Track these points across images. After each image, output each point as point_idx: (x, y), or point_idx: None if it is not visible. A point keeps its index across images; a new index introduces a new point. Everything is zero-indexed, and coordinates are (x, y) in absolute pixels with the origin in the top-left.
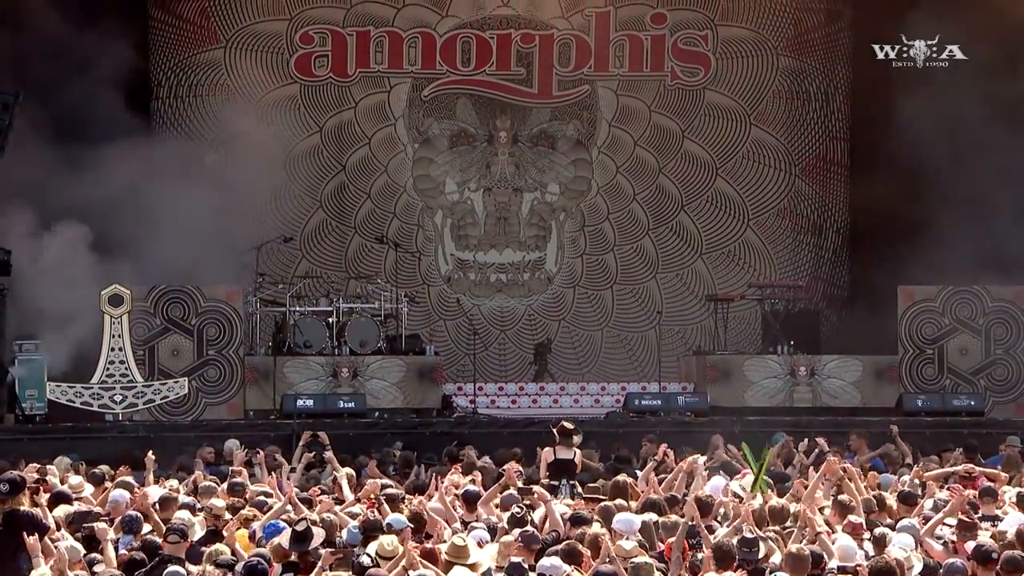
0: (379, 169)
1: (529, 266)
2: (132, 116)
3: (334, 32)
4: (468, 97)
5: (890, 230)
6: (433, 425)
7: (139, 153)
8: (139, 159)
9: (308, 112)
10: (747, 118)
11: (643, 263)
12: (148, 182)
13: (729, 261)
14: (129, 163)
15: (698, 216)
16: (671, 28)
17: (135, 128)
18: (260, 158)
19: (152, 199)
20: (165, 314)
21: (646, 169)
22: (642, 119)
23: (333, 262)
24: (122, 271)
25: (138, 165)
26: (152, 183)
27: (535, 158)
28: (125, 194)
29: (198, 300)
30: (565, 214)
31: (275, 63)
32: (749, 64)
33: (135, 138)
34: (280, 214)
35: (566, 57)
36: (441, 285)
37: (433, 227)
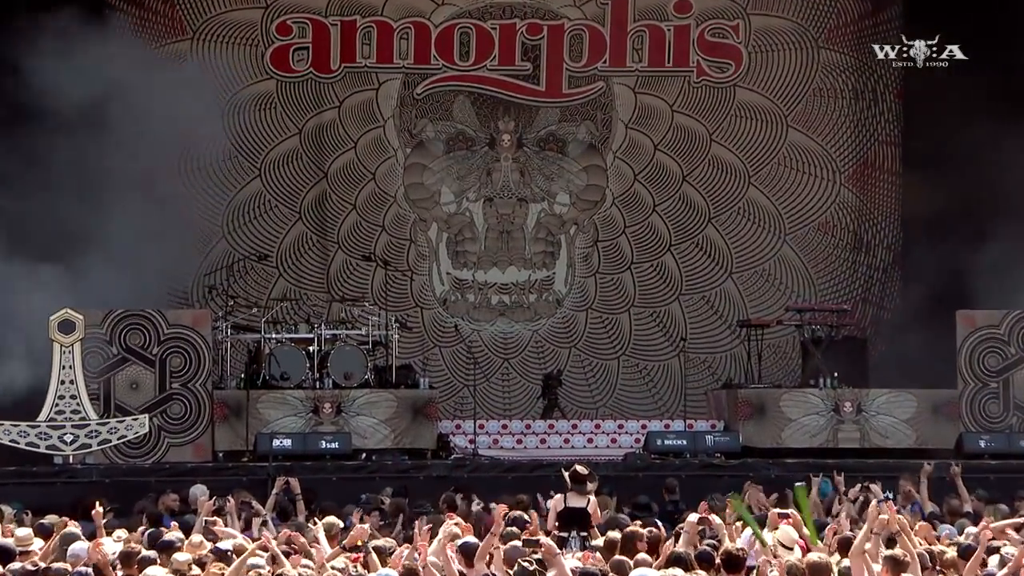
0: (366, 176)
1: (535, 286)
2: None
3: (315, 22)
4: (467, 95)
5: (948, 247)
6: (428, 468)
7: (93, 157)
8: (92, 165)
9: (286, 112)
10: (783, 119)
11: (665, 283)
12: (104, 191)
13: (763, 281)
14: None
15: (727, 230)
16: (697, 18)
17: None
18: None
19: (108, 211)
20: (123, 342)
21: (668, 177)
22: (664, 120)
23: (314, 282)
24: (72, 293)
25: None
26: (109, 192)
27: (542, 164)
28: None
29: (160, 326)
30: (576, 227)
31: (249, 56)
32: (786, 58)
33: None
34: (254, 228)
35: (578, 50)
36: (436, 308)
37: (427, 242)
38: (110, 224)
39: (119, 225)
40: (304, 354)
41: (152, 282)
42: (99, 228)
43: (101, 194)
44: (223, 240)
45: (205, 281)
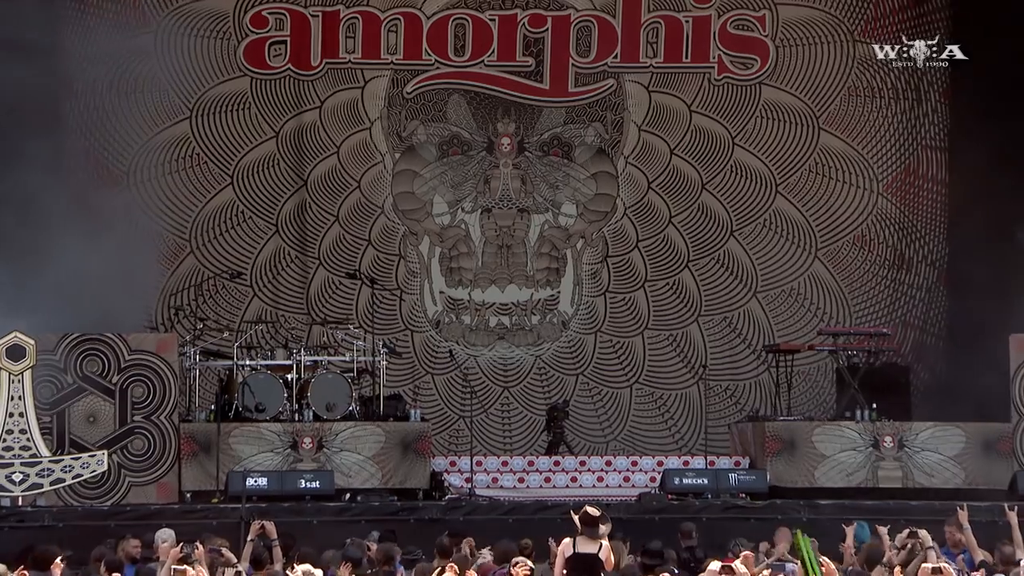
0: (350, 185)
1: (538, 307)
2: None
3: (294, 13)
4: (462, 94)
5: (999, 263)
6: (419, 510)
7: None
8: (47, 170)
9: (261, 113)
10: (814, 121)
11: (682, 303)
12: (57, 199)
13: (792, 301)
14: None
15: (752, 244)
16: (719, 8)
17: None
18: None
19: (61, 223)
20: (79, 370)
21: (686, 185)
22: (681, 122)
23: (292, 303)
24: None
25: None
26: (62, 201)
27: (546, 171)
28: (29, 216)
29: (121, 352)
30: (584, 241)
31: (220, 51)
32: (818, 53)
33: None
34: (225, 242)
35: (585, 44)
36: (428, 331)
37: (418, 258)
38: (64, 237)
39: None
40: (281, 383)
41: (112, 303)
42: (51, 241)
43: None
44: (191, 256)
45: (171, 302)
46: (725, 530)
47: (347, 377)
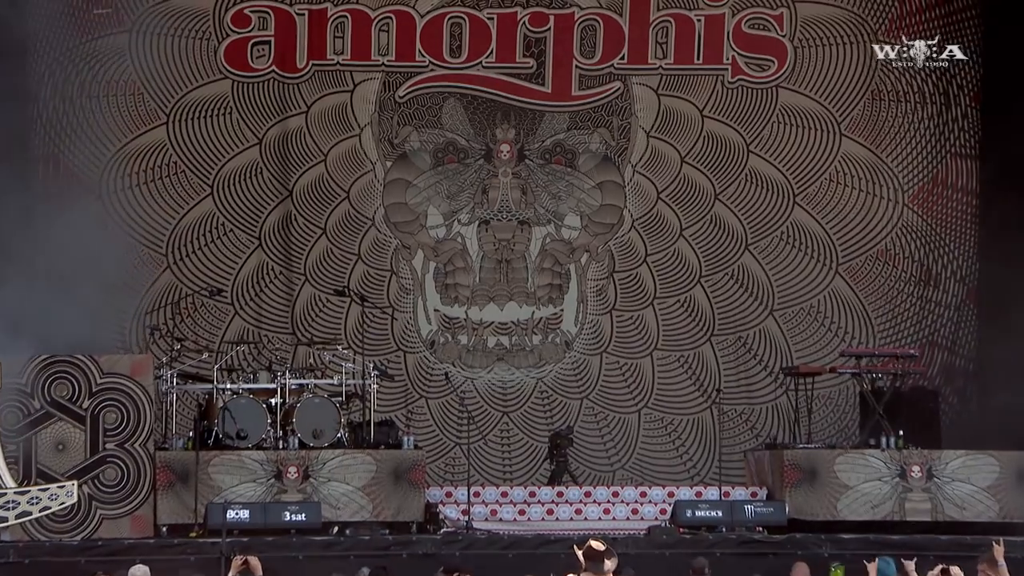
0: (338, 195)
1: (540, 326)
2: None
3: (278, 11)
4: (458, 98)
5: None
6: (413, 545)
7: (13, 171)
8: (12, 178)
9: (243, 118)
10: (835, 126)
11: (695, 322)
12: (22, 210)
13: (812, 320)
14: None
15: (769, 259)
16: (733, 6)
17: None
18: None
19: (27, 235)
20: (47, 394)
21: (698, 195)
22: (693, 127)
23: (276, 322)
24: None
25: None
26: (28, 212)
27: (548, 180)
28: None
29: (92, 375)
30: (588, 256)
31: (199, 52)
32: (839, 54)
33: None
34: (204, 256)
35: (590, 44)
36: (422, 352)
37: (411, 274)
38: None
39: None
40: (265, 408)
41: (83, 322)
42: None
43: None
44: (168, 271)
45: (146, 321)
46: (741, 566)
47: (335, 402)
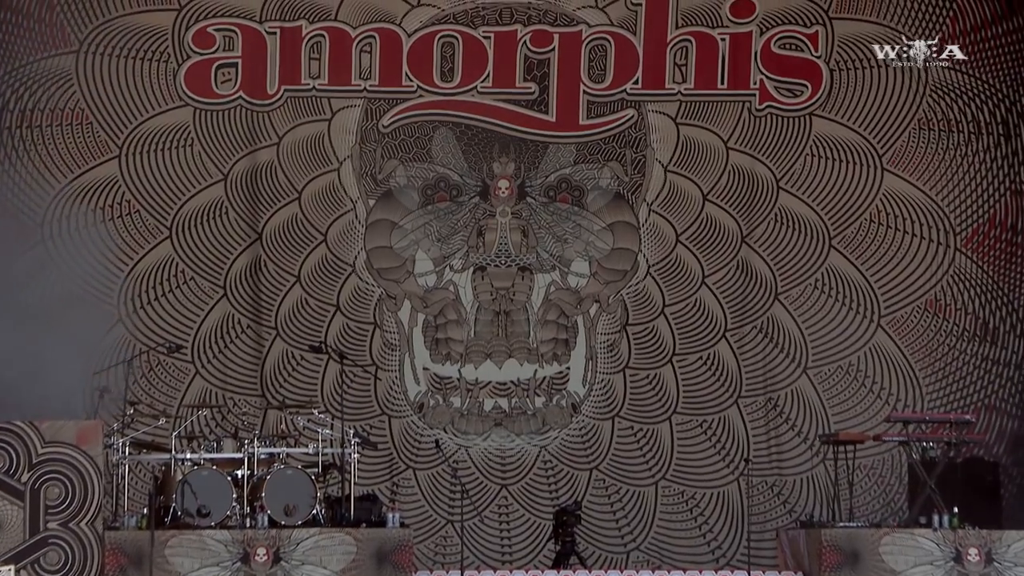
0: (314, 238)
1: (544, 386)
2: None
3: (246, 29)
4: (451, 128)
5: None
6: None
7: None
8: None
9: (206, 151)
10: (877, 160)
11: (719, 381)
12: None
13: (851, 380)
14: None
15: (801, 310)
16: (762, 22)
17: None
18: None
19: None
20: None
21: (723, 237)
22: (716, 161)
23: (244, 382)
24: None
25: None
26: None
27: (552, 221)
28: None
29: (32, 444)
30: (598, 306)
31: (156, 75)
32: (882, 77)
33: None
34: (162, 307)
35: (600, 67)
36: (409, 416)
37: (397, 327)
38: None
39: None
40: (230, 481)
41: (21, 384)
42: None
43: None
44: (120, 325)
45: (95, 381)
46: None
47: (310, 474)
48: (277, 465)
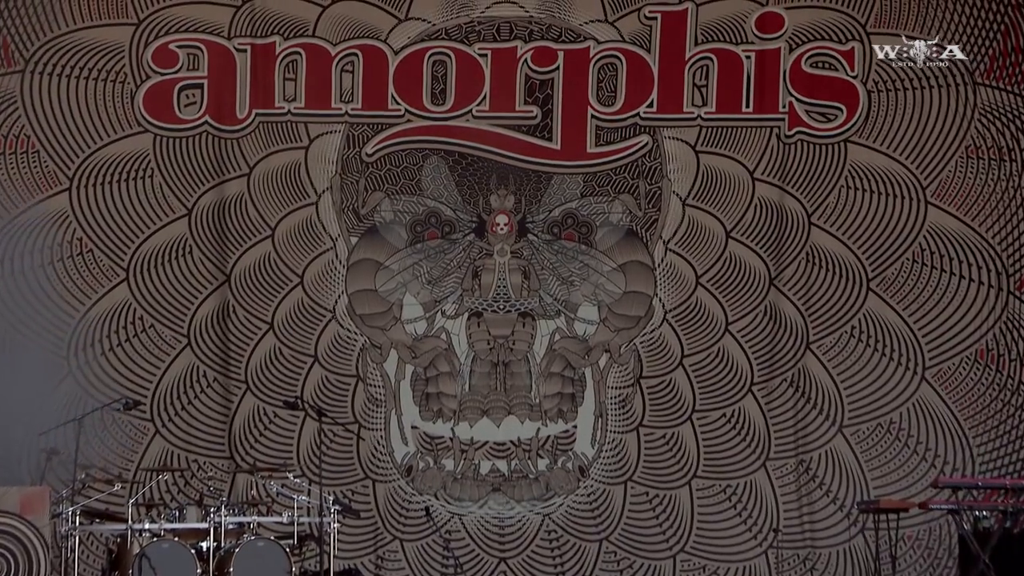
0: (289, 280)
1: (548, 447)
2: None
3: (213, 46)
4: (443, 157)
5: None
6: None
7: None
8: None
9: (167, 182)
10: (920, 192)
11: (744, 441)
12: None
13: (893, 440)
14: None
15: (836, 362)
16: (791, 38)
17: None
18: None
19: None
20: None
21: (748, 279)
22: (741, 193)
23: (210, 443)
24: None
25: None
26: None
27: (557, 261)
28: None
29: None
30: (609, 357)
31: (111, 98)
32: (925, 100)
33: None
34: (117, 359)
35: (610, 88)
36: (396, 481)
37: (382, 380)
38: None
39: None
40: (193, 554)
41: None
42: None
43: None
44: (70, 378)
45: (41, 442)
46: None
47: (284, 546)
48: (247, 536)
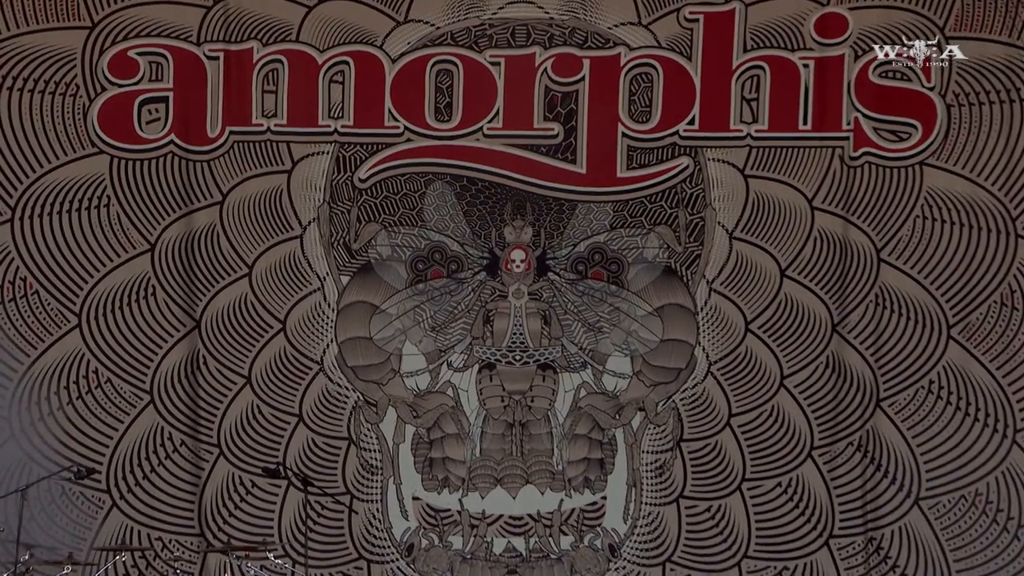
0: (269, 326)
1: (572, 522)
2: None
3: (179, 53)
4: (449, 182)
5: None
6: None
7: None
8: None
9: (128, 213)
10: (1010, 223)
11: (803, 515)
12: None
13: (978, 513)
14: None
15: (911, 420)
16: (856, 43)
17: None
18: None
19: None
20: None
21: (806, 325)
22: (798, 226)
23: (177, 517)
24: None
25: None
26: None
27: (582, 304)
28: None
29: None
30: (644, 416)
31: (59, 113)
32: (1015, 114)
33: None
34: (68, 419)
35: (644, 102)
36: (396, 561)
37: (379, 444)
38: None
39: None
40: None
41: None
42: None
43: None
44: (12, 442)
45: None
46: None
47: None
48: None
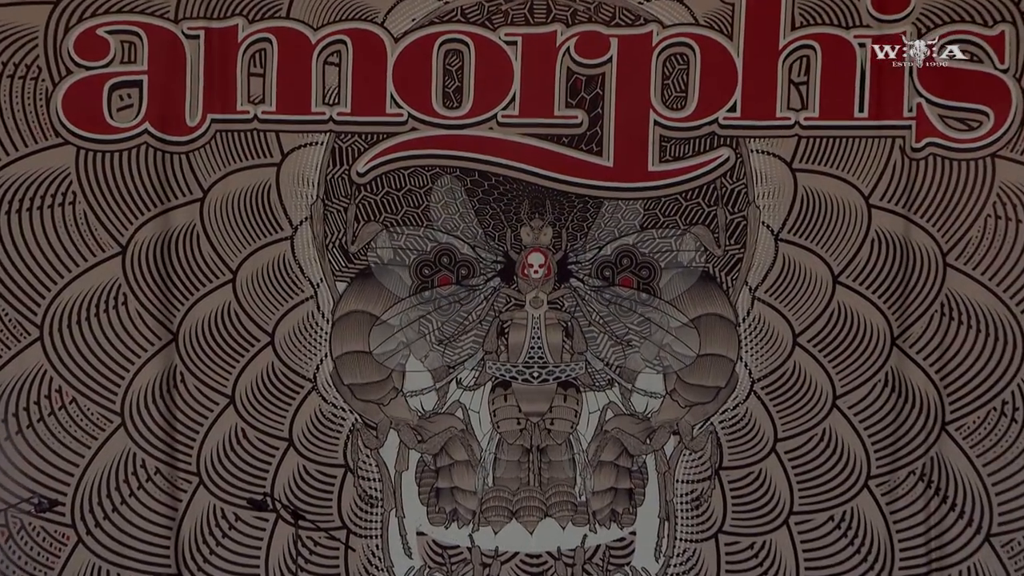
0: (255, 340)
1: (597, 560)
2: None
3: (154, 31)
4: (459, 177)
5: None
6: None
7: None
8: None
9: (96, 211)
10: None
11: (858, 552)
12: None
13: None
14: None
15: (981, 446)
16: (920, 19)
17: None
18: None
19: None
20: None
21: (863, 338)
22: (853, 226)
23: (151, 554)
24: None
25: None
26: None
27: (609, 314)
28: None
29: None
30: (678, 441)
31: (19, 100)
32: None
33: None
34: (31, 445)
35: (679, 86)
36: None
37: (379, 472)
38: None
39: None
40: None
41: None
42: None
43: None
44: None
45: None
46: None
47: None
48: None
